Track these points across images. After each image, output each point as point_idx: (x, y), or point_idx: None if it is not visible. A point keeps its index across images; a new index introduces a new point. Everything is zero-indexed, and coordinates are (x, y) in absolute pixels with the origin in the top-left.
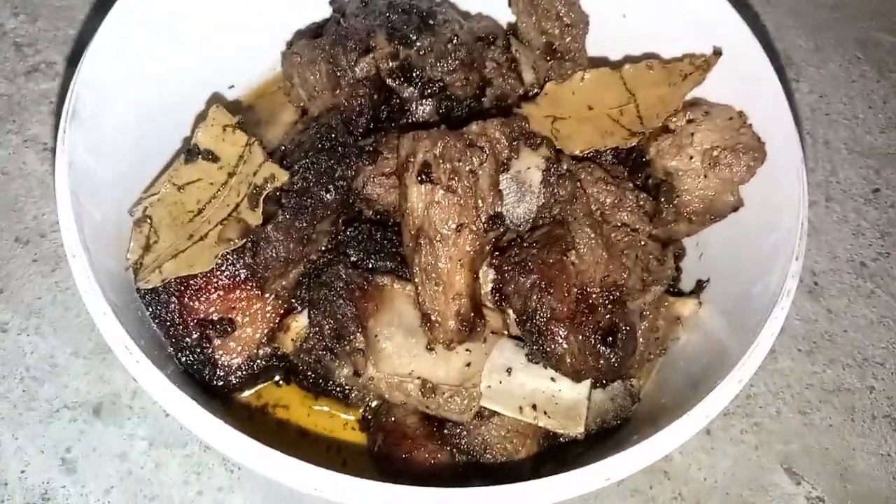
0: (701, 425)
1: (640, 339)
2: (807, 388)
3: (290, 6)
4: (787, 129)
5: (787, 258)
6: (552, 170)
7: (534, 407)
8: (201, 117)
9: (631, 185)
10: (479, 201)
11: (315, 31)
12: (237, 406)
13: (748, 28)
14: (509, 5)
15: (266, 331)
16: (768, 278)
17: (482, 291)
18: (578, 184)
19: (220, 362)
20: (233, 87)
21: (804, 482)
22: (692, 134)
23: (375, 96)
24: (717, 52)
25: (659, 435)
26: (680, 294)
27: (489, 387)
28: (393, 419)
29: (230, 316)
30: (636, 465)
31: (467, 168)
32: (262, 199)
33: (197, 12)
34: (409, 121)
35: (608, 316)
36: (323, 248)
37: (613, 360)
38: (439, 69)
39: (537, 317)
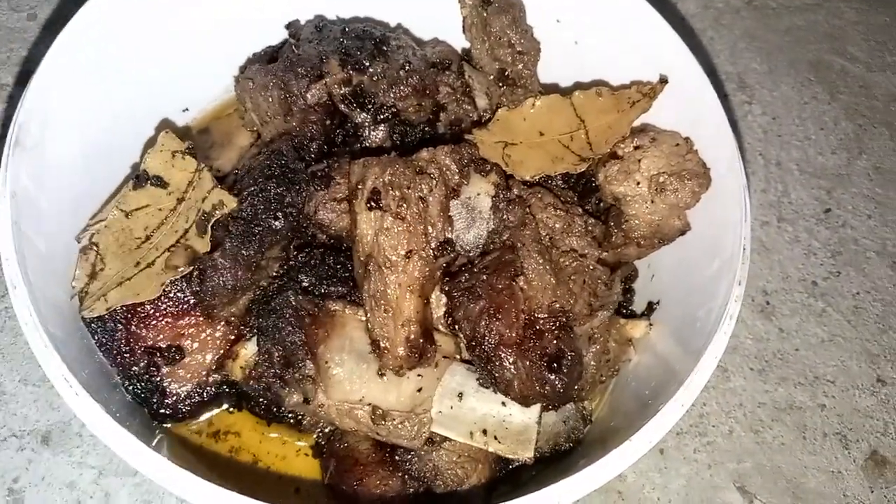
0: (645, 450)
1: (592, 362)
2: (759, 407)
3: (246, 29)
4: (730, 155)
5: (729, 282)
6: (502, 196)
7: (484, 432)
8: (151, 143)
9: (580, 210)
10: (429, 227)
11: (270, 55)
12: (187, 434)
13: (693, 57)
14: (463, 31)
15: (216, 358)
16: (712, 302)
17: (436, 316)
18: (528, 209)
19: (168, 390)
20: (187, 110)
21: (756, 500)
22: (639, 160)
23: (328, 122)
24: (664, 80)
25: (603, 460)
26: (632, 315)
27: (440, 412)
28: (346, 445)
29: (179, 343)
30: (581, 491)
31: (416, 195)
32: (210, 226)
33: (148, 35)
34: (363, 146)
35: (555, 342)
36: (274, 274)
37: (559, 385)
38: (392, 95)
39: (486, 342)
